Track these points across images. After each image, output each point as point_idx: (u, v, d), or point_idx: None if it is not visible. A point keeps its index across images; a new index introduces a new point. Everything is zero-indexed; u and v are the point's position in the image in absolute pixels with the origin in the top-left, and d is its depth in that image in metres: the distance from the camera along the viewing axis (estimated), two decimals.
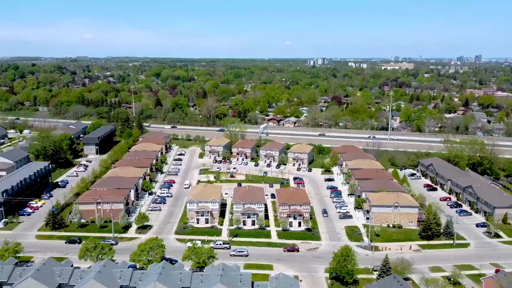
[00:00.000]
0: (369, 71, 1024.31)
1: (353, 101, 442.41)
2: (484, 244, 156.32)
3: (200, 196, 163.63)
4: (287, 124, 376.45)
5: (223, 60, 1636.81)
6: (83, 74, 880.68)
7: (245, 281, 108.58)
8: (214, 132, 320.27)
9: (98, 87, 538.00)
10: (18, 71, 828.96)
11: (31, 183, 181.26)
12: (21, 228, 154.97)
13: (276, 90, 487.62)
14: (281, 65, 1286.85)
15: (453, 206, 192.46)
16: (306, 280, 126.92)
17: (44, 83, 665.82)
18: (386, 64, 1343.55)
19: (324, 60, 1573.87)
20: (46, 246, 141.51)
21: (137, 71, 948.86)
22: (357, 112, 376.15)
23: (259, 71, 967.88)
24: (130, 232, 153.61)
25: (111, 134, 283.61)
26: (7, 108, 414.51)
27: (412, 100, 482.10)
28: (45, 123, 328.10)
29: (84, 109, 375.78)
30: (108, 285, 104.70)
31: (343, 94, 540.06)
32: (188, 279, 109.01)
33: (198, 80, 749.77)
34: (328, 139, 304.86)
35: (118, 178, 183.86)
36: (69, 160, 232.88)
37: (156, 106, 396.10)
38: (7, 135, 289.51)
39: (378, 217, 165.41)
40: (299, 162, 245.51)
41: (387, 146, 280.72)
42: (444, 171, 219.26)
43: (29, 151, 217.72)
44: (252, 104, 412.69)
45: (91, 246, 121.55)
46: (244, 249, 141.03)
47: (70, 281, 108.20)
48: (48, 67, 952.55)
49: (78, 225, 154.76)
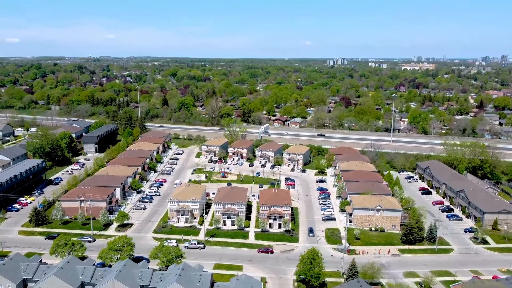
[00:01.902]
0: (387, 71, 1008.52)
1: (361, 102, 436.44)
2: (468, 250, 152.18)
3: (181, 196, 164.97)
4: (292, 124, 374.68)
5: (242, 60, 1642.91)
6: (101, 73, 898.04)
7: (204, 281, 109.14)
8: (215, 132, 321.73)
9: (112, 86, 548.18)
10: (39, 70, 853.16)
11: (23, 180, 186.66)
12: (6, 223, 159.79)
13: (284, 90, 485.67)
14: (299, 65, 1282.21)
15: (444, 210, 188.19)
16: (273, 281, 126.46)
17: (63, 82, 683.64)
18: (406, 65, 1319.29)
19: (344, 60, 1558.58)
20: (26, 242, 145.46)
21: (155, 70, 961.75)
22: (364, 113, 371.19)
23: (276, 71, 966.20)
24: (110, 230, 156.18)
25: (113, 133, 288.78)
26: (21, 106, 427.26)
27: (424, 101, 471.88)
28: (52, 121, 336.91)
29: (89, 108, 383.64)
30: (69, 282, 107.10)
31: (355, 95, 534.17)
32: (148, 277, 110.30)
33: (213, 80, 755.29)
34: (329, 140, 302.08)
35: (106, 176, 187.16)
36: (67, 158, 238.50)
37: (163, 106, 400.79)
38: (13, 133, 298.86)
39: (360, 220, 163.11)
40: (294, 163, 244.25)
41: (388, 148, 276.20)
42: (440, 174, 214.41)
43: (27, 148, 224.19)
44: (258, 104, 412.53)
45: (62, 242, 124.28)
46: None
47: (34, 276, 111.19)
48: (69, 66, 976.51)
49: (61, 222, 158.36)
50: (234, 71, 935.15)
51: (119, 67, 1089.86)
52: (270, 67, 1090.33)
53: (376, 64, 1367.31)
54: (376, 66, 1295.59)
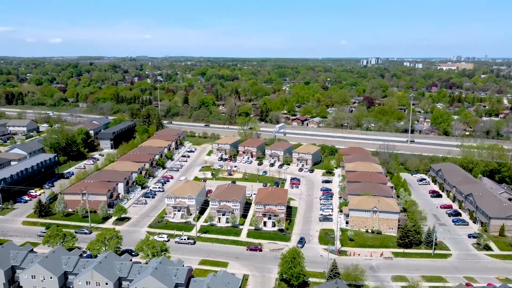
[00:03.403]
0: (421, 71, 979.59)
1: (385, 102, 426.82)
2: (468, 256, 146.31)
3: (177, 192, 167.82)
4: (311, 124, 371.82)
5: (274, 60, 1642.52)
6: (133, 72, 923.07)
7: (179, 275, 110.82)
8: (231, 131, 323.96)
9: (140, 85, 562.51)
10: (76, 69, 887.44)
11: (34, 173, 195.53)
12: (13, 214, 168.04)
13: (306, 90, 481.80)
14: (331, 65, 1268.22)
15: (451, 214, 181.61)
16: (255, 279, 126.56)
17: (96, 81, 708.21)
18: (443, 64, 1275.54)
19: (378, 60, 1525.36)
20: (27, 231, 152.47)
21: (185, 70, 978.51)
22: (385, 113, 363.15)
23: (305, 70, 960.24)
24: (108, 223, 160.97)
25: (130, 130, 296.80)
26: (52, 103, 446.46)
27: (453, 102, 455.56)
28: (76, 118, 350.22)
29: (113, 105, 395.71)
30: (52, 271, 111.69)
31: (381, 95, 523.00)
32: (127, 269, 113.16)
33: (241, 79, 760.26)
34: (344, 140, 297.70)
35: (111, 171, 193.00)
36: (82, 153, 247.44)
37: (184, 104, 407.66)
38: (38, 128, 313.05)
39: (356, 221, 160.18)
40: (303, 163, 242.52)
41: (404, 149, 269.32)
42: (451, 177, 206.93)
43: (44, 144, 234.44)
44: (279, 103, 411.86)
45: (54, 233, 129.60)
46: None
47: (22, 264, 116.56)
48: (104, 66, 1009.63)
49: (63, 213, 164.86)
50: (263, 71, 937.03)
51: (152, 66, 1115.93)
52: (301, 67, 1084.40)
53: (411, 64, 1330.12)
54: (411, 66, 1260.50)
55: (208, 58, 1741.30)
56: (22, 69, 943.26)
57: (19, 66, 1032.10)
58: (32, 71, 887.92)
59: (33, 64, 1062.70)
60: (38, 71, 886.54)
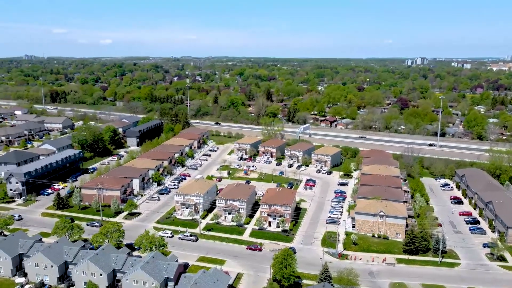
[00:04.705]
0: (468, 72, 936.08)
1: (419, 104, 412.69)
2: (478, 266, 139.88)
3: (186, 190, 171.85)
4: (340, 126, 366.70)
5: (316, 60, 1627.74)
6: (174, 72, 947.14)
7: (169, 270, 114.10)
8: (257, 131, 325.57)
9: (176, 85, 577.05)
10: (120, 69, 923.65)
11: (59, 168, 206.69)
12: (34, 205, 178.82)
13: (338, 90, 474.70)
14: (374, 65, 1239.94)
15: (469, 222, 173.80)
16: (248, 278, 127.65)
17: (138, 80, 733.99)
18: (494, 65, 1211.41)
19: (424, 60, 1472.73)
20: (44, 222, 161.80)
21: (224, 70, 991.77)
22: (417, 115, 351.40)
23: (345, 71, 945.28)
24: (119, 217, 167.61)
25: (157, 129, 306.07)
26: (91, 102, 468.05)
27: (495, 105, 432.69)
28: (109, 116, 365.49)
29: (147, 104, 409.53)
30: (53, 260, 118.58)
31: (419, 96, 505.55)
32: (121, 262, 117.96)
33: (278, 79, 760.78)
34: (369, 142, 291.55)
35: (129, 168, 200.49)
36: (109, 150, 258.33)
37: (214, 104, 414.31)
38: (73, 125, 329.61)
39: (362, 225, 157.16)
40: (322, 164, 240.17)
41: (431, 153, 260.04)
42: (474, 183, 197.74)
43: (72, 140, 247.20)
44: (308, 104, 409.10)
45: (62, 225, 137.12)
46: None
47: (28, 252, 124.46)
48: (147, 66, 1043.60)
49: (79, 207, 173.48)
50: (302, 71, 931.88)
51: (193, 66, 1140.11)
52: (340, 67, 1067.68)
53: (458, 64, 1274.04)
54: (459, 66, 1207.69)
55: (249, 58, 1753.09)
56: (71, 69, 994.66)
57: (69, 66, 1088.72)
58: (80, 71, 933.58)
59: (82, 64, 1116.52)
60: (85, 71, 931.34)
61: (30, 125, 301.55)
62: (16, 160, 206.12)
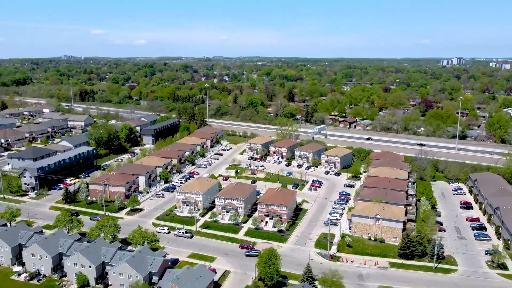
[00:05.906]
0: (505, 72, 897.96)
1: (444, 105, 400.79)
2: (476, 273, 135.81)
3: (187, 188, 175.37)
4: (358, 127, 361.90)
5: (347, 60, 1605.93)
6: (202, 72, 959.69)
7: (154, 265, 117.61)
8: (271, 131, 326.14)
9: (200, 84, 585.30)
10: (150, 69, 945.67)
11: (72, 164, 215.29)
12: (45, 199, 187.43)
13: (359, 91, 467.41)
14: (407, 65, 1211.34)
15: (475, 228, 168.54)
16: (235, 276, 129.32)
17: (166, 80, 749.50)
18: None
19: (461, 60, 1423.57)
20: (51, 215, 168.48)
21: (252, 70, 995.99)
22: (440, 117, 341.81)
23: (375, 71, 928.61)
24: (121, 213, 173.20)
25: (173, 127, 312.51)
26: (117, 101, 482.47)
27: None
28: (131, 114, 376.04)
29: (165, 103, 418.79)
30: (47, 251, 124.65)
31: (448, 98, 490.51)
32: (110, 255, 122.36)
33: (305, 79, 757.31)
34: (382, 144, 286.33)
35: (137, 165, 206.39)
36: (124, 147, 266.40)
37: (233, 103, 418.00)
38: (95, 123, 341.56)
39: (358, 227, 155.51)
40: (331, 165, 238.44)
41: (447, 156, 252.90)
42: (485, 188, 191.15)
43: (88, 137, 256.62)
44: (328, 105, 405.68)
45: (62, 218, 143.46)
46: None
47: (27, 242, 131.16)
48: (177, 66, 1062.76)
49: (86, 201, 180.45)
50: (330, 71, 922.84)
51: (222, 66, 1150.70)
52: (371, 67, 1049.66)
53: (497, 65, 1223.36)
54: (497, 66, 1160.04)
55: (280, 58, 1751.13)
56: (104, 69, 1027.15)
57: (103, 66, 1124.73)
58: (113, 71, 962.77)
59: (115, 64, 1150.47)
60: (117, 70, 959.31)
61: (54, 123, 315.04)
62: (33, 155, 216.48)
